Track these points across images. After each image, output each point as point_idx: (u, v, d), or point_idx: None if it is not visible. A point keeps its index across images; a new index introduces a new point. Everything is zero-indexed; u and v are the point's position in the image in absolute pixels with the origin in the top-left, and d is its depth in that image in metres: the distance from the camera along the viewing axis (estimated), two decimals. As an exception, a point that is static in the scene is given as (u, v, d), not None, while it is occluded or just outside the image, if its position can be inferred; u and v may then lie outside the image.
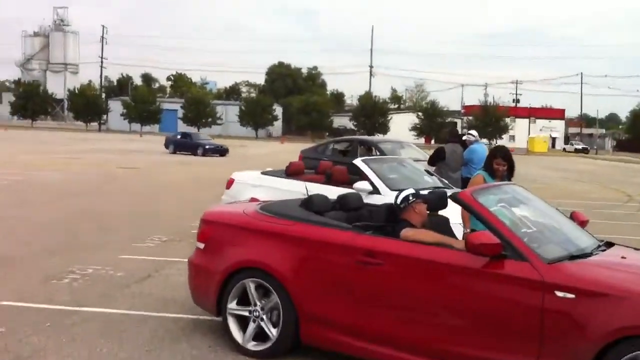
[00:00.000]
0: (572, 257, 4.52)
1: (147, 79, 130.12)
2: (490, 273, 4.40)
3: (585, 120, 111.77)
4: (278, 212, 5.45)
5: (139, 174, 23.12)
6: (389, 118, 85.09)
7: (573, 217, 5.82)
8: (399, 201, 5.37)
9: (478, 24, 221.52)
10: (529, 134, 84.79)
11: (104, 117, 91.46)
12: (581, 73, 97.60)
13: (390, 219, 5.39)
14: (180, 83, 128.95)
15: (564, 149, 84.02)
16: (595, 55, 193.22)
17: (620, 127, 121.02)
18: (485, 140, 31.09)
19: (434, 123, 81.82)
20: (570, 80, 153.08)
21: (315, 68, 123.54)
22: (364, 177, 9.09)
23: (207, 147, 39.71)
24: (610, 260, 4.70)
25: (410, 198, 5.33)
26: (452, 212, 5.87)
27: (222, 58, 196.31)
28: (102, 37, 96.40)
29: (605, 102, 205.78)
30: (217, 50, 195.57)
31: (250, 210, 5.59)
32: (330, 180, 9.54)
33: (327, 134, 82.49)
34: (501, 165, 6.55)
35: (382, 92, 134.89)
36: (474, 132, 12.82)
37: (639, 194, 23.37)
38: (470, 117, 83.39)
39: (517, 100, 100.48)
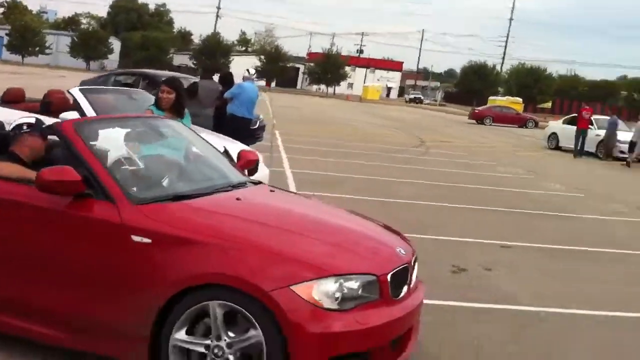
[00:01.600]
0: (177, 198, 4.03)
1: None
2: (70, 215, 3.84)
3: (424, 74, 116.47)
4: None
5: None
6: (231, 59, 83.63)
7: (240, 156, 5.42)
8: (10, 128, 4.70)
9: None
10: (364, 83, 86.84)
11: None
12: (422, 29, 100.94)
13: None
14: (14, 10, 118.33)
15: (406, 100, 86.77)
16: (436, 14, 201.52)
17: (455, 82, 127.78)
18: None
19: (276, 67, 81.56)
20: (414, 36, 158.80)
21: (163, 5, 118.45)
22: (78, 107, 8.36)
23: None
24: (220, 201, 4.24)
25: (24, 127, 4.55)
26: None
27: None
28: None
29: (445, 59, 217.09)
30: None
31: None
32: (47, 109, 8.69)
33: (166, 70, 79.66)
34: (165, 93, 6.10)
35: (233, 35, 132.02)
36: (252, 69, 12.51)
37: (432, 140, 24.47)
38: (312, 64, 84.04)
39: (361, 51, 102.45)
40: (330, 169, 13.75)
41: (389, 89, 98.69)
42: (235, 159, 5.21)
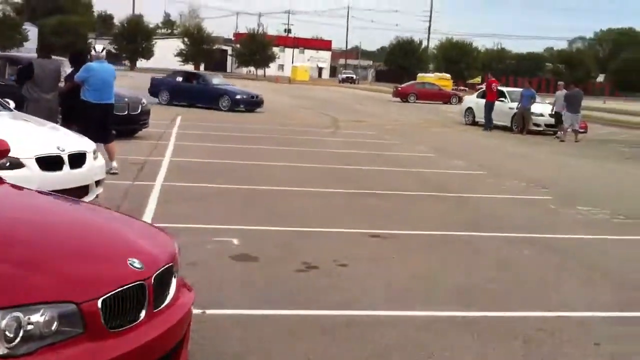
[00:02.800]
0: None
1: None
2: None
3: (356, 53, 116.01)
4: None
5: None
6: (153, 42, 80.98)
7: None
8: None
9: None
10: (292, 63, 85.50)
11: None
12: (348, 6, 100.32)
13: None
14: None
15: (339, 80, 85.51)
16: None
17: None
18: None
19: (200, 49, 79.39)
20: (339, 13, 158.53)
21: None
22: None
23: (237, 97, 25.19)
24: None
25: None
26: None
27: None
28: None
29: (375, 36, 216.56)
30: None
31: None
32: None
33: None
34: None
35: (157, 17, 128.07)
36: (99, 47, 11.09)
37: (347, 120, 23.74)
38: (238, 45, 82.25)
39: (289, 31, 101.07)
40: (217, 155, 12.67)
41: (320, 69, 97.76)
42: None
